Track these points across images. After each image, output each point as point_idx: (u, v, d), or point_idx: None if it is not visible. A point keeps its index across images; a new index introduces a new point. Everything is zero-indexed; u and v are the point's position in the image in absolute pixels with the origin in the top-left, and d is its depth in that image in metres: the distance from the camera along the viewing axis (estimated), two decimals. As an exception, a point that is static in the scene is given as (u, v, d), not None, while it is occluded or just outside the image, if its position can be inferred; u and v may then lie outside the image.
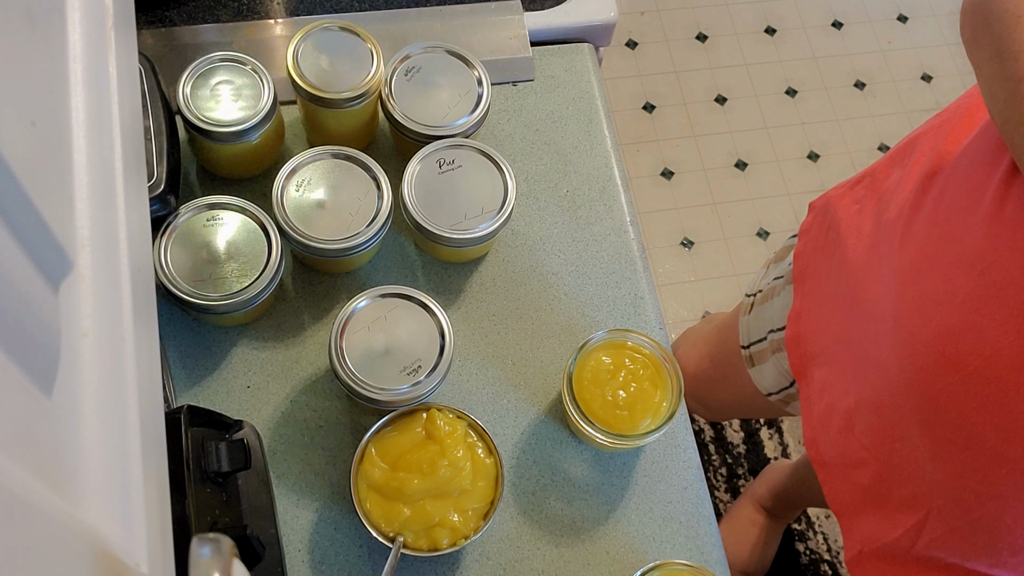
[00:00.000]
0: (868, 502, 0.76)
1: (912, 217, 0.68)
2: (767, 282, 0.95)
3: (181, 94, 0.73)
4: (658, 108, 1.96)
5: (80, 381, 0.37)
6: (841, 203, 0.82)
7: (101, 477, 0.35)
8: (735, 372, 1.01)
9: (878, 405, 0.71)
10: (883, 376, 0.70)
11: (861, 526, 0.78)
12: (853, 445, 0.76)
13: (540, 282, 0.82)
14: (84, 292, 0.38)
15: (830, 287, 0.80)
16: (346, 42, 0.77)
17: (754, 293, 0.98)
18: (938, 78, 2.07)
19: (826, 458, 0.81)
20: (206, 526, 0.57)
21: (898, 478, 0.72)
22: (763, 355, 0.94)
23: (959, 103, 0.74)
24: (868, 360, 0.72)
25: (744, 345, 0.98)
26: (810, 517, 1.59)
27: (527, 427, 0.77)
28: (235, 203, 0.73)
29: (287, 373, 0.76)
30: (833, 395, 0.78)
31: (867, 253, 0.74)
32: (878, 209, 0.75)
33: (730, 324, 1.03)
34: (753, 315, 0.96)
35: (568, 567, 0.73)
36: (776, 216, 1.88)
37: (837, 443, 0.78)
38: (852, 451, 0.76)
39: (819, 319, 0.82)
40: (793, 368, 0.85)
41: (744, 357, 0.98)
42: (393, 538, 0.66)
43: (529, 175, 0.86)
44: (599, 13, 0.92)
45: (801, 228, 0.89)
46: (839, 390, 0.77)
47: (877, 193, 0.77)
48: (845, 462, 0.78)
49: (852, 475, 0.77)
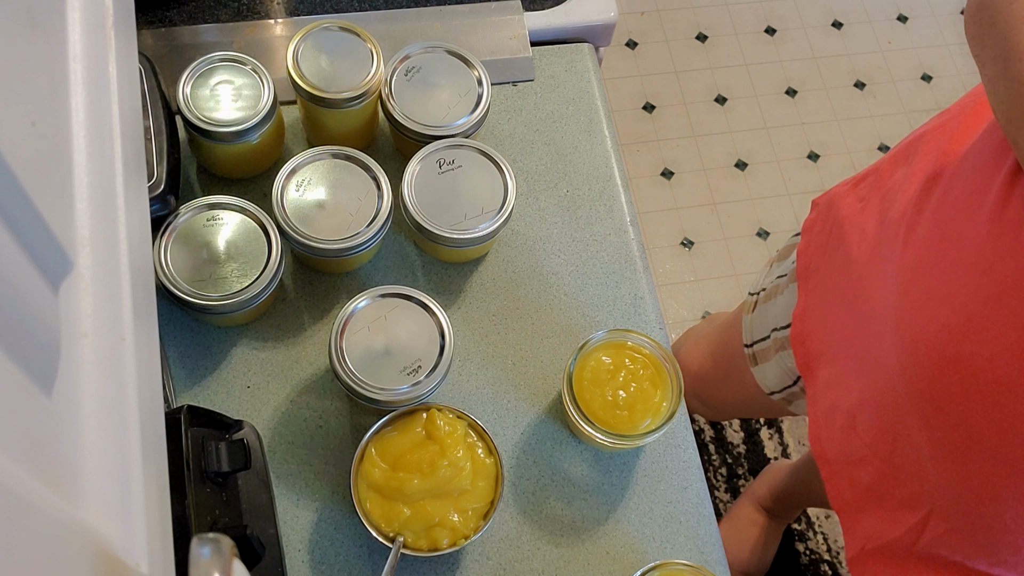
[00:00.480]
0: (870, 500, 0.77)
1: (915, 217, 0.68)
2: (770, 280, 0.95)
3: (181, 94, 0.73)
4: (658, 108, 1.96)
5: (80, 381, 0.37)
6: (845, 201, 0.82)
7: (101, 477, 0.35)
8: (738, 371, 1.01)
9: (880, 404, 0.71)
10: (885, 375, 0.70)
11: (863, 524, 0.78)
12: (855, 443, 0.76)
13: (540, 282, 0.82)
14: (84, 292, 0.38)
15: (833, 285, 0.80)
16: (346, 42, 0.77)
17: (757, 292, 0.98)
18: (938, 78, 2.07)
19: (829, 455, 0.81)
20: (206, 526, 0.57)
21: (900, 477, 0.72)
22: (766, 353, 0.94)
23: (963, 102, 0.74)
24: (871, 358, 0.72)
25: (747, 344, 0.98)
26: (810, 517, 1.60)
27: (527, 427, 0.77)
28: (235, 203, 0.73)
29: (287, 373, 0.76)
30: (837, 393, 0.79)
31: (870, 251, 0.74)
32: (882, 207, 0.75)
33: (733, 323, 1.03)
34: (756, 313, 0.96)
35: (568, 567, 0.73)
36: (776, 216, 1.88)
37: (840, 441, 0.78)
38: (854, 449, 0.76)
39: (823, 317, 0.82)
40: (799, 366, 0.85)
41: (747, 356, 0.98)
42: (393, 538, 0.66)
43: (529, 175, 0.86)
44: (599, 13, 0.92)
45: (804, 225, 0.89)
46: (843, 388, 0.77)
47: (881, 191, 0.77)
48: (848, 460, 0.78)
49: (854, 473, 0.77)
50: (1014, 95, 0.54)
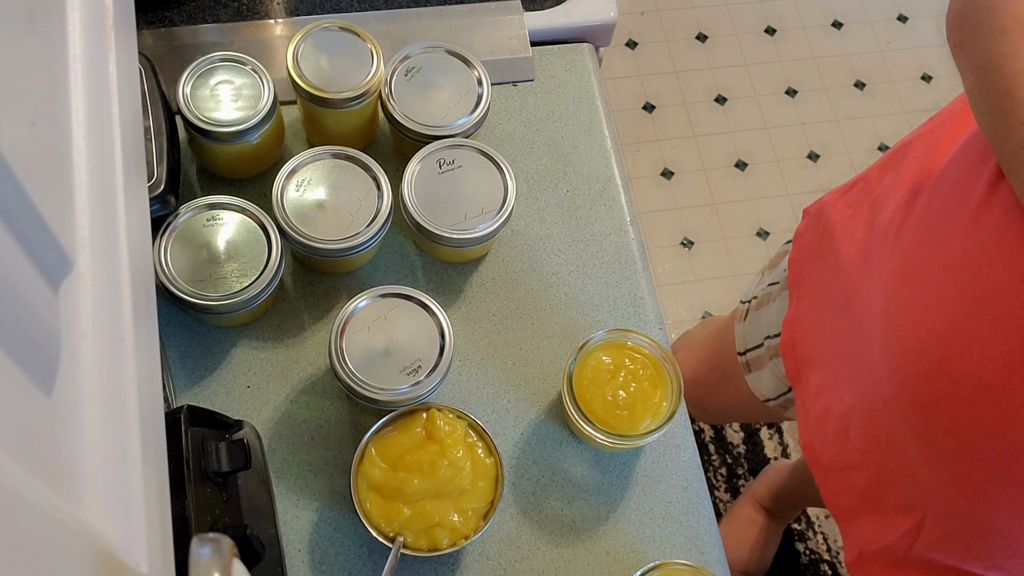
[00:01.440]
0: (865, 505, 0.77)
1: (902, 223, 0.68)
2: (762, 288, 0.95)
3: (181, 94, 0.73)
4: (658, 108, 1.96)
5: (80, 381, 0.37)
6: (835, 208, 0.82)
7: (101, 477, 0.35)
8: (733, 378, 1.01)
9: (871, 410, 0.71)
10: (874, 381, 0.70)
11: (860, 529, 0.78)
12: (848, 449, 0.76)
13: (540, 282, 0.82)
14: (84, 292, 0.38)
15: (824, 292, 0.80)
16: (346, 42, 0.77)
17: (749, 300, 0.98)
18: (937, 78, 2.07)
19: (823, 462, 0.81)
20: (206, 526, 0.57)
21: (893, 482, 0.72)
22: (760, 361, 0.94)
23: (950, 108, 0.75)
24: (861, 364, 0.72)
25: (740, 351, 0.98)
26: (810, 517, 1.60)
27: (527, 427, 0.77)
28: (235, 203, 0.73)
29: (287, 373, 0.76)
30: (828, 399, 0.78)
31: (860, 258, 0.74)
32: (871, 214, 0.75)
33: (726, 330, 1.03)
34: (749, 321, 0.96)
35: (568, 567, 0.73)
36: (776, 216, 1.88)
37: (833, 447, 0.78)
38: (848, 455, 0.76)
39: (813, 323, 0.82)
40: (788, 373, 0.85)
41: (741, 363, 0.98)
42: (393, 538, 0.66)
43: (529, 175, 0.86)
44: (599, 13, 0.92)
45: (796, 233, 0.89)
46: (834, 394, 0.77)
47: (870, 198, 0.77)
48: (841, 466, 0.78)
49: (848, 478, 0.77)
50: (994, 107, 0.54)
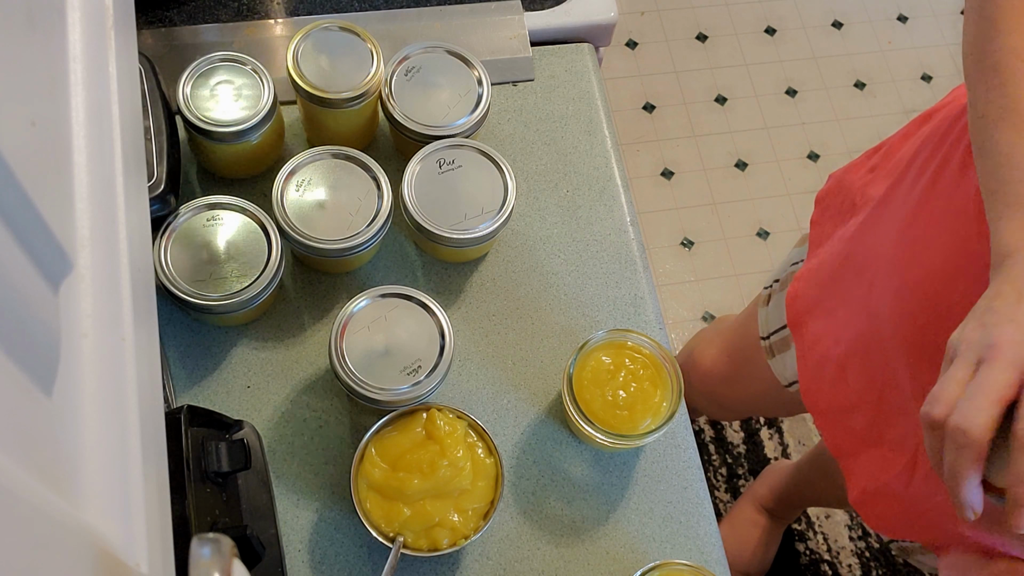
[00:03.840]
0: (865, 444, 0.80)
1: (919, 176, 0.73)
2: (785, 271, 0.97)
3: (181, 94, 0.73)
4: (658, 108, 1.96)
5: (80, 381, 0.37)
6: (858, 172, 0.86)
7: (101, 477, 0.35)
8: (754, 366, 1.03)
9: (868, 350, 0.76)
10: (872, 322, 0.74)
11: (861, 467, 0.82)
12: (846, 391, 0.80)
13: (540, 282, 0.82)
14: (84, 292, 0.38)
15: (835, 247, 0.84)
16: (346, 42, 0.77)
17: (771, 284, 1.00)
18: (938, 78, 2.07)
19: (821, 406, 0.85)
20: (206, 526, 0.57)
21: (889, 420, 0.76)
22: (784, 343, 0.96)
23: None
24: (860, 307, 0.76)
25: (764, 336, 1.00)
26: (810, 517, 1.59)
27: (527, 427, 0.77)
28: (235, 203, 0.73)
29: (287, 373, 0.76)
30: (826, 344, 0.82)
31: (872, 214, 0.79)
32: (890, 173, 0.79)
33: (748, 317, 1.05)
34: (772, 304, 0.98)
35: (568, 567, 0.73)
36: (776, 216, 1.88)
37: (830, 392, 0.83)
38: (845, 397, 0.81)
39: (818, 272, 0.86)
40: (789, 322, 0.89)
41: (764, 348, 1.00)
42: (393, 538, 0.66)
43: (529, 175, 0.86)
44: (599, 13, 0.92)
45: (817, 196, 0.92)
46: (831, 339, 0.82)
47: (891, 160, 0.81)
48: (840, 408, 0.82)
49: (846, 421, 0.82)
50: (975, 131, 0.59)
